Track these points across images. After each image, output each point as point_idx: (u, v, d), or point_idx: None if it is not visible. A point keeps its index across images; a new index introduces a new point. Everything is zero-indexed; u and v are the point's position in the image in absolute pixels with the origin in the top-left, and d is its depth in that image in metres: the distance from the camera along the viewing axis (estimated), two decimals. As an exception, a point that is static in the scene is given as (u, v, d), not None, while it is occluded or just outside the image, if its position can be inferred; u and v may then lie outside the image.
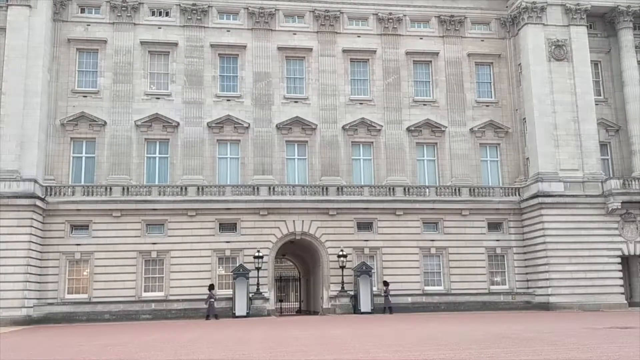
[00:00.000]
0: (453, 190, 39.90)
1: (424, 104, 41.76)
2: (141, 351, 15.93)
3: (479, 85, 42.73)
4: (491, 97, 42.65)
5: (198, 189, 37.73)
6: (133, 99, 39.15)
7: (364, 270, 37.22)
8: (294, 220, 38.37)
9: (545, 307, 37.12)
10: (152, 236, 36.91)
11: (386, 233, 38.82)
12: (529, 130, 40.28)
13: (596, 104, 40.66)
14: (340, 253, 37.53)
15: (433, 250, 39.22)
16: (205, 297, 35.31)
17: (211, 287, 35.42)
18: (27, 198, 34.32)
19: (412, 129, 41.07)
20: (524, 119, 41.03)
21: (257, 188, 38.20)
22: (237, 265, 36.94)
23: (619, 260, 38.01)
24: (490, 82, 42.94)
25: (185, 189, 37.60)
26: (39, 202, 34.97)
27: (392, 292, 37.57)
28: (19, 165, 34.96)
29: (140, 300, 36.12)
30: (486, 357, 12.62)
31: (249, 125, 39.73)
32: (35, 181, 35.06)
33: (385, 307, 35.93)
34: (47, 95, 37.62)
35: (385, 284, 36.50)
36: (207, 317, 34.24)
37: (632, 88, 41.23)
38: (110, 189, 37.02)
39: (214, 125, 39.42)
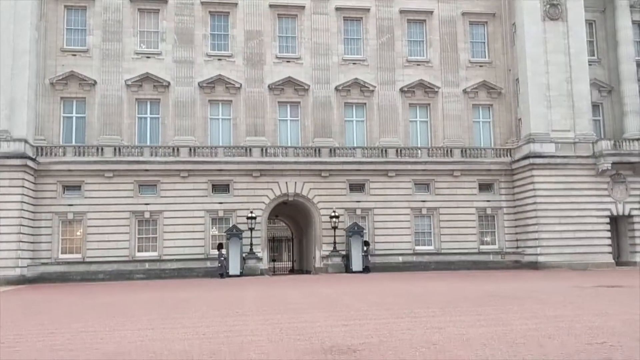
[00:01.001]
0: (445, 152, 39.96)
1: (418, 64, 41.39)
2: (135, 309, 16.08)
3: (473, 45, 42.34)
4: (485, 57, 42.32)
5: (190, 150, 37.57)
6: (123, 57, 38.56)
7: (355, 231, 37.54)
8: (286, 182, 38.44)
9: (534, 266, 37.66)
10: (144, 197, 36.92)
11: (378, 194, 39.04)
12: (521, 90, 40.12)
13: (589, 64, 40.44)
14: (333, 214, 37.76)
15: (424, 211, 39.50)
16: (216, 256, 35.72)
17: (220, 246, 35.61)
18: (18, 158, 34.09)
19: (406, 89, 40.80)
20: (517, 79, 40.81)
21: (250, 149, 38.10)
22: (231, 225, 37.11)
23: (607, 220, 38.47)
24: (484, 42, 42.54)
25: (177, 149, 37.42)
26: (30, 163, 34.76)
27: (383, 252, 38.23)
28: (8, 125, 34.59)
29: (134, 260, 36.36)
30: (476, 314, 12.83)
31: (241, 86, 39.33)
32: (26, 141, 34.76)
33: (365, 266, 36.17)
34: (36, 54, 36.96)
35: (366, 244, 36.84)
36: (222, 276, 34.68)
37: (626, 48, 40.95)
38: (102, 149, 36.80)
39: (205, 85, 38.99)
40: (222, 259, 35.28)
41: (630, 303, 14.59)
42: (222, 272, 34.99)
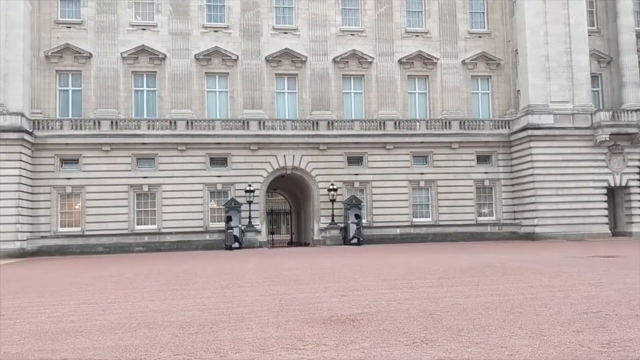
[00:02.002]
0: (443, 124, 39.85)
1: (416, 35, 41.01)
2: (135, 281, 16.21)
3: (472, 15, 41.94)
4: (484, 28, 41.95)
5: (187, 123, 37.45)
6: (118, 30, 38.14)
7: (353, 204, 37.72)
8: (284, 155, 38.44)
9: (531, 237, 37.93)
10: (142, 170, 36.92)
11: (376, 167, 39.09)
12: (520, 62, 39.87)
13: (589, 35, 40.09)
14: (331, 187, 37.88)
15: (422, 184, 39.62)
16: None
17: (229, 218, 35.83)
18: (14, 132, 33.97)
19: (404, 61, 40.50)
20: (516, 50, 40.52)
21: (247, 123, 37.99)
22: (229, 199, 37.19)
23: (604, 191, 38.61)
24: (483, 13, 42.13)
25: (175, 123, 37.29)
26: (27, 136, 34.65)
27: (381, 224, 38.59)
28: (4, 98, 34.38)
29: (133, 233, 36.53)
30: (472, 284, 12.96)
31: (238, 58, 39.00)
32: (22, 115, 34.59)
33: (358, 238, 36.33)
34: (30, 27, 36.54)
35: (357, 217, 36.86)
36: (230, 248, 35.23)
37: (626, 19, 40.57)
38: (99, 122, 36.66)
39: (201, 57, 38.66)
40: (230, 230, 35.49)
41: (625, 273, 14.74)
42: (230, 244, 35.40)
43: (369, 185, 39.02)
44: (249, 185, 37.22)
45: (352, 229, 37.15)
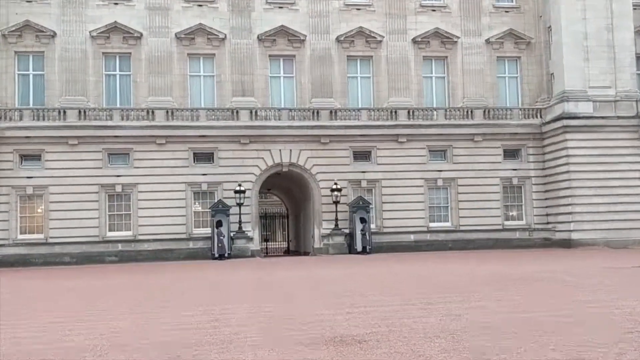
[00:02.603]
0: (464, 113, 39.73)
1: (433, 10, 40.87)
2: (107, 296, 16.16)
3: (498, -14, 41.71)
4: (511, 2, 41.77)
5: (167, 112, 37.42)
6: (87, 4, 38.05)
7: (360, 206, 37.63)
8: (280, 150, 38.37)
9: (567, 244, 37.83)
10: (115, 167, 36.89)
11: (387, 163, 39.00)
12: (554, 40, 39.71)
13: (634, 9, 39.81)
14: (334, 187, 37.82)
15: (440, 182, 39.55)
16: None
17: (219, 223, 35.72)
18: (-34, 124, 33.83)
19: (419, 40, 40.39)
20: (549, 27, 40.36)
21: (237, 112, 37.92)
22: (216, 201, 37.16)
23: (652, 191, 38.36)
24: (510, -17, 41.93)
25: (152, 112, 37.26)
26: (-19, 129, 34.53)
27: (392, 230, 38.46)
28: (-46, 85, 34.30)
29: (104, 240, 36.52)
30: (497, 299, 12.94)
31: (225, 37, 38.94)
32: (-25, 104, 34.48)
33: (363, 246, 36.30)
34: (-17, 1, 36.42)
35: (362, 220, 36.76)
36: (221, 257, 35.23)
37: (678, -10, 40.28)
38: (65, 112, 36.62)
39: (183, 36, 38.60)
40: (221, 237, 35.49)
41: (676, 286, 14.65)
42: (222, 253, 35.39)
43: (379, 184, 38.98)
44: (239, 185, 37.21)
45: (359, 235, 37.11)
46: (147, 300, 15.03)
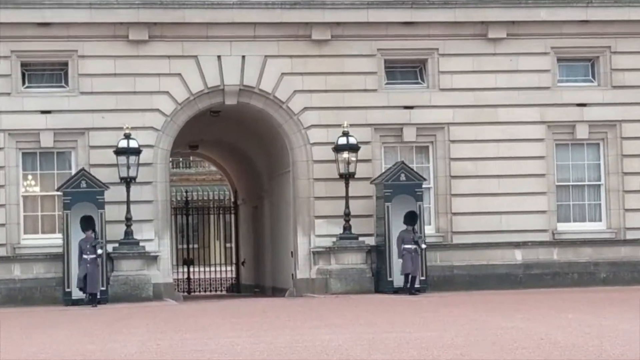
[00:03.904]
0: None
1: None
2: None
3: None
4: None
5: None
6: None
7: (404, 184, 21.80)
8: (219, 56, 22.96)
9: None
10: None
11: (463, 88, 22.78)
12: None
13: None
14: (342, 141, 22.00)
15: (581, 132, 23.16)
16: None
17: (88, 223, 21.11)
18: None
19: None
20: None
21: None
22: (74, 174, 21.97)
23: None
24: None
25: None
26: None
27: (473, 240, 22.65)
28: None
29: None
30: None
31: None
32: None
33: (414, 277, 21.16)
34: None
35: (411, 218, 21.61)
36: (89, 301, 20.95)
37: None
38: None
39: None
40: (88, 255, 20.68)
41: None
42: (92, 291, 20.78)
43: (442, 134, 22.85)
44: (127, 137, 21.98)
45: (404, 251, 21.02)
46: None
